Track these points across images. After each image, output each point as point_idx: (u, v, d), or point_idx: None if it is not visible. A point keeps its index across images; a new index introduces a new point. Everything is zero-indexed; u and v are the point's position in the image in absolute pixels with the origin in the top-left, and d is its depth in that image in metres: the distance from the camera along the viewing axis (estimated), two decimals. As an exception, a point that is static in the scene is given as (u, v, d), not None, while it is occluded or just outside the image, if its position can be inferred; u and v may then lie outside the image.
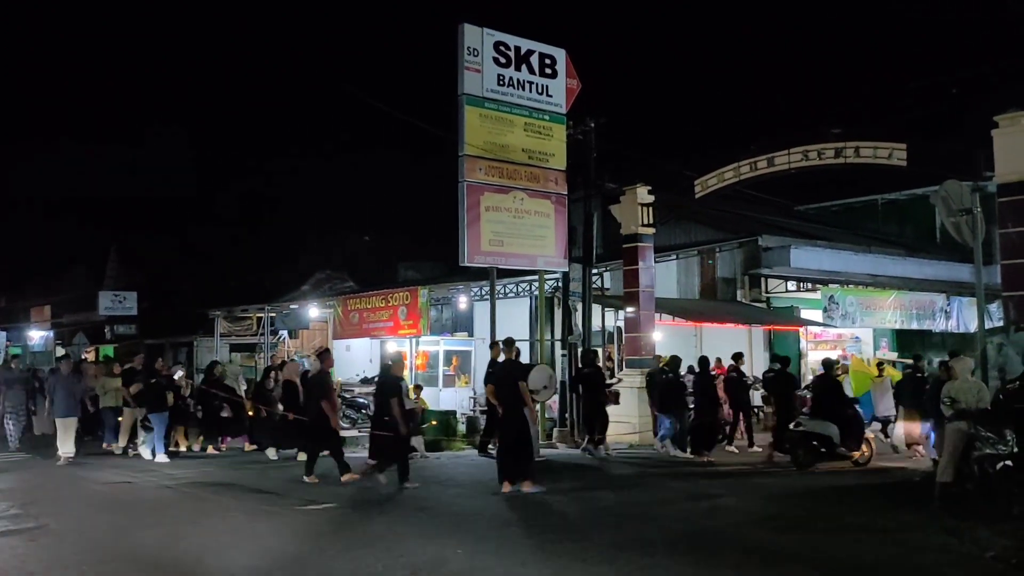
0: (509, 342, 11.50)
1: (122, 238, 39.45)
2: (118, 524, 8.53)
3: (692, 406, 14.37)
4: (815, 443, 12.22)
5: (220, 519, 8.78)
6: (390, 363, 11.23)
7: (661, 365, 15.79)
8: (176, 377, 14.75)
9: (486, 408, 13.68)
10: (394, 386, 10.78)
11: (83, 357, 24.76)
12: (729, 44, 54.69)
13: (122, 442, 14.32)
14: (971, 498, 8.87)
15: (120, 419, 14.42)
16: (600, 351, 17.73)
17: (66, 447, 13.20)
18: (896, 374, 16.27)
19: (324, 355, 11.78)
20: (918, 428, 13.77)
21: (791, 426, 12.81)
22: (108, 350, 31.05)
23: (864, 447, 12.82)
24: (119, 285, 36.25)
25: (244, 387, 16.19)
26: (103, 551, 7.37)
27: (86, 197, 44.87)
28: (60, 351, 28.90)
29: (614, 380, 16.57)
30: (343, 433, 12.73)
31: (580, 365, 15.04)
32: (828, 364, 13.76)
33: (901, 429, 14.32)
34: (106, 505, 9.76)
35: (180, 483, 11.08)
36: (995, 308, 17.50)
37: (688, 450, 13.92)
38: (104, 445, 14.63)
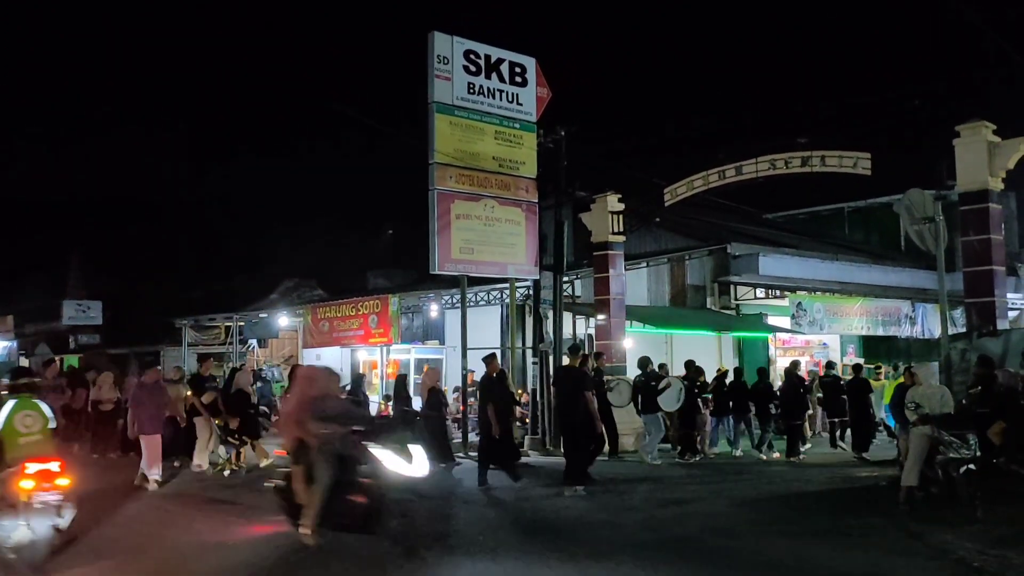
0: (574, 349, 11.73)
1: (84, 245, 38.74)
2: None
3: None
4: None
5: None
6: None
7: (720, 372, 16.13)
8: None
9: None
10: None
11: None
12: (699, 54, 55.33)
13: (203, 462, 12.44)
14: (935, 502, 9.01)
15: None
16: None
17: (154, 471, 11.17)
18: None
19: (574, 350, 12.15)
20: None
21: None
22: (72, 360, 30.48)
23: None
24: (82, 294, 35.63)
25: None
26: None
27: (46, 202, 43.72)
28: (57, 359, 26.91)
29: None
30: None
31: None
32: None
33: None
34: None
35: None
36: (959, 314, 17.81)
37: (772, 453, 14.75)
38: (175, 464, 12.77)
